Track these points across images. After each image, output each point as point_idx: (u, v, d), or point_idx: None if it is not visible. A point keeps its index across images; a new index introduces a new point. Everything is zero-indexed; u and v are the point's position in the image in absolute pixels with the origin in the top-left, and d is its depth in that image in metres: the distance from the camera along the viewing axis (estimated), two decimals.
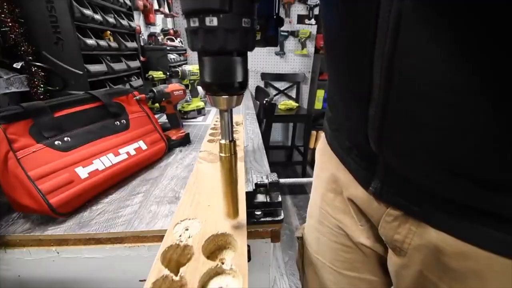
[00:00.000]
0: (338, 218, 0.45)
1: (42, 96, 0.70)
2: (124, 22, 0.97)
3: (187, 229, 0.34)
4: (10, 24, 0.61)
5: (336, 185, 0.44)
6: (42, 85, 0.69)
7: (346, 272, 0.47)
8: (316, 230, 0.50)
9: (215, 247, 0.34)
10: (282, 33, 2.41)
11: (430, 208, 0.29)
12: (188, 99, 1.20)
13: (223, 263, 0.29)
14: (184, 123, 1.05)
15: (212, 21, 0.22)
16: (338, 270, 0.47)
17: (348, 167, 0.40)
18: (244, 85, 0.27)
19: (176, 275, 0.27)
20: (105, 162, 0.55)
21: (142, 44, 1.30)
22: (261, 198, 0.49)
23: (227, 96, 0.27)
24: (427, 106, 0.25)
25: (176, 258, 0.31)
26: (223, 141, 0.30)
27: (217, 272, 0.29)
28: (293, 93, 2.68)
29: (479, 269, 0.27)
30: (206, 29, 0.23)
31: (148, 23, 1.68)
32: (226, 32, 0.23)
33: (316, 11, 2.39)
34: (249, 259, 0.49)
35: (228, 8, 0.22)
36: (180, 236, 0.33)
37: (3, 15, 0.60)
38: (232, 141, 0.30)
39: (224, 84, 0.26)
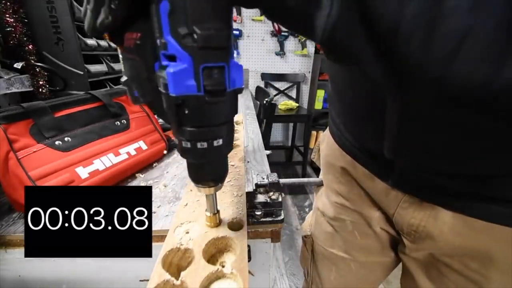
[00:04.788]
0: (355, 209, 0.47)
1: (46, 96, 0.69)
2: None
3: (187, 232, 0.34)
4: (14, 24, 0.61)
5: (349, 178, 0.46)
6: (47, 85, 0.69)
7: (363, 259, 0.50)
8: (330, 226, 0.52)
9: (216, 250, 0.34)
10: (282, 33, 2.41)
11: (444, 195, 0.33)
12: None
13: (223, 267, 0.29)
14: None
15: (219, 142, 0.26)
16: (355, 258, 0.50)
17: (362, 163, 0.42)
18: (227, 172, 0.31)
19: (177, 279, 0.27)
20: (105, 162, 0.55)
21: None
22: (261, 198, 0.49)
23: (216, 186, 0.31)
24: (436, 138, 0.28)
25: (177, 262, 0.31)
26: (208, 214, 0.34)
27: (217, 276, 0.29)
28: (293, 93, 2.67)
29: (487, 241, 0.31)
30: (213, 149, 0.26)
31: None
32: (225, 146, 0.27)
33: None
34: (249, 259, 0.49)
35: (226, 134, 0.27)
36: (181, 239, 0.32)
37: (7, 15, 0.60)
38: (217, 213, 0.35)
39: (219, 178, 0.30)
